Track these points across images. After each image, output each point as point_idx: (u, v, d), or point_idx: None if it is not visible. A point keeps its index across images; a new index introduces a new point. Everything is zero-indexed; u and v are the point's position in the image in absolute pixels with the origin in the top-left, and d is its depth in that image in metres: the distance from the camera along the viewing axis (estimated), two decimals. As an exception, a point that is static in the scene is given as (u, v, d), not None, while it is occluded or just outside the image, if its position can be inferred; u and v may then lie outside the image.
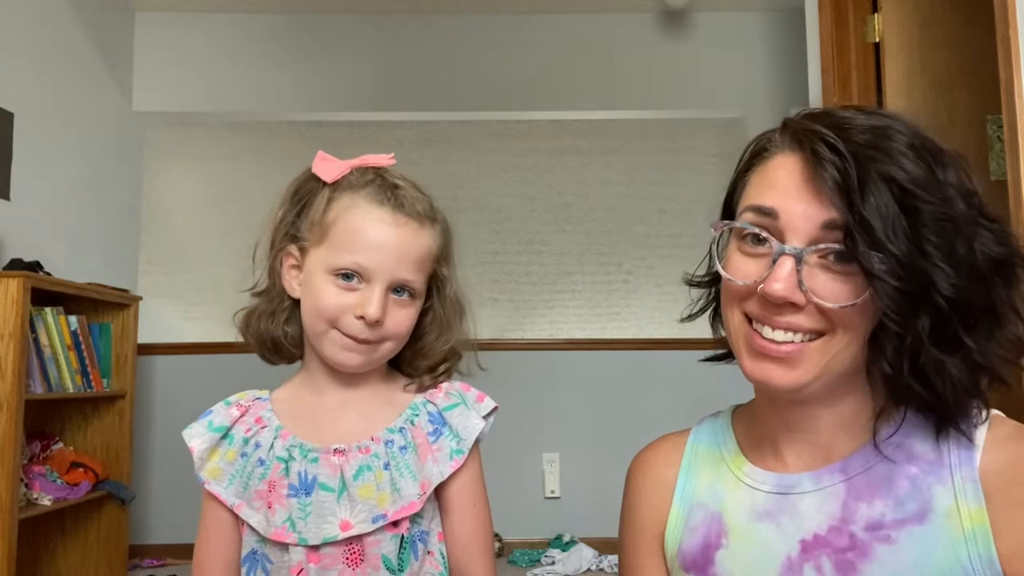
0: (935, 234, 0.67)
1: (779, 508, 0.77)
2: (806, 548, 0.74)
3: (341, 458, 0.88)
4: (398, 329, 0.90)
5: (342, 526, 0.85)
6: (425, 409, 0.92)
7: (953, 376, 0.69)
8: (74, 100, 3.30)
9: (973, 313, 0.68)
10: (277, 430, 0.91)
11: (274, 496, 0.87)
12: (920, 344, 0.68)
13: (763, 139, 0.78)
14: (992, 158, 2.18)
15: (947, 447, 0.73)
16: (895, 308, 0.67)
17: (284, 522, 0.86)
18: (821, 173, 0.69)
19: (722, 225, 0.77)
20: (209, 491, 0.90)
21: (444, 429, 0.91)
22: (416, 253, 0.90)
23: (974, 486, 0.70)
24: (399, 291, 0.89)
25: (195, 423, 0.93)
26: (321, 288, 0.88)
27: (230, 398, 0.95)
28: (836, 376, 0.73)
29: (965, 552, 0.68)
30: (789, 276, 0.69)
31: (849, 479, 0.75)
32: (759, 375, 0.73)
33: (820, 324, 0.71)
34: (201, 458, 0.91)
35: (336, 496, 0.86)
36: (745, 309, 0.75)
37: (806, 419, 0.77)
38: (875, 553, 0.71)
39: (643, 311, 3.87)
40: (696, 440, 0.89)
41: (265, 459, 0.89)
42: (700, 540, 0.81)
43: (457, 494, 0.91)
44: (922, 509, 0.71)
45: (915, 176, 0.68)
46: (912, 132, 0.71)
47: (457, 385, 0.95)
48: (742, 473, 0.82)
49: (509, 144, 3.93)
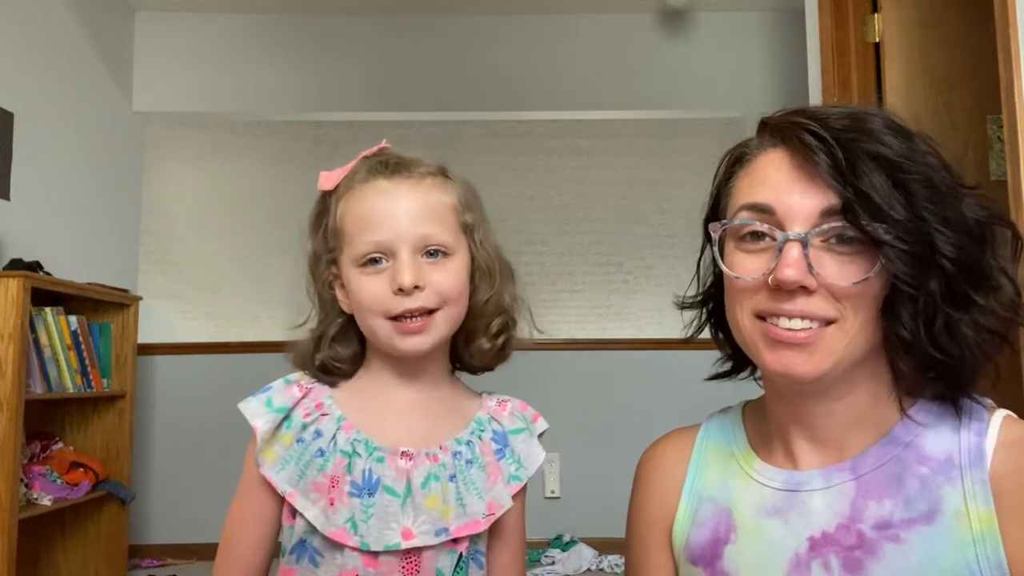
0: (927, 201, 0.69)
1: (788, 505, 0.78)
2: (814, 545, 0.75)
3: (408, 462, 0.84)
4: (444, 291, 0.84)
5: (404, 535, 0.81)
6: (491, 427, 0.90)
7: (966, 337, 0.71)
8: (74, 100, 3.30)
9: (976, 273, 0.71)
10: (339, 421, 0.85)
11: (336, 493, 0.82)
12: (933, 304, 0.70)
13: (738, 148, 0.80)
14: (992, 158, 2.18)
15: (957, 448, 0.73)
16: (908, 271, 0.69)
17: (345, 522, 0.81)
18: (812, 159, 0.71)
19: (719, 226, 0.78)
20: (263, 475, 0.84)
21: (506, 451, 0.89)
22: (424, 205, 0.86)
23: (984, 488, 0.70)
24: (432, 253, 0.85)
25: (252, 399, 0.86)
26: (358, 284, 0.85)
27: (290, 376, 0.89)
28: (852, 363, 0.73)
29: (973, 554, 0.69)
30: (798, 261, 0.70)
31: (859, 477, 0.75)
32: (780, 366, 0.73)
33: (831, 310, 0.71)
34: (264, 440, 0.84)
35: (401, 502, 0.82)
36: (755, 307, 0.75)
37: (818, 415, 0.77)
38: (883, 552, 0.71)
39: (643, 311, 3.87)
40: (706, 436, 0.89)
41: (326, 450, 0.84)
42: (708, 534, 0.82)
43: (511, 520, 0.90)
44: (931, 509, 0.71)
45: (899, 151, 0.70)
46: (884, 116, 0.74)
47: (518, 405, 0.94)
48: (752, 469, 0.82)
49: (509, 144, 3.93)
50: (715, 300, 0.85)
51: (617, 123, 3.94)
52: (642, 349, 3.66)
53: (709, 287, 0.86)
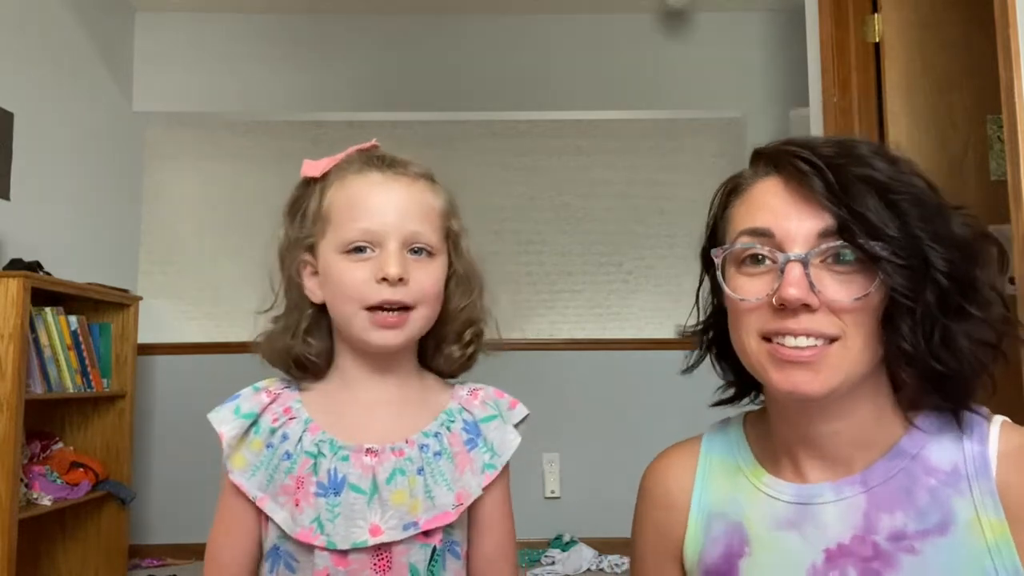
0: (918, 219, 0.73)
1: (801, 518, 0.79)
2: (831, 557, 0.76)
3: (373, 459, 0.84)
4: (424, 289, 0.86)
5: (372, 531, 0.82)
6: (461, 417, 0.90)
7: (963, 348, 0.73)
8: (74, 100, 3.30)
9: (968, 286, 0.74)
10: (306, 423, 0.86)
11: (301, 493, 0.83)
12: (931, 315, 0.72)
13: (732, 180, 0.83)
14: (992, 158, 2.17)
15: (962, 458, 0.75)
16: (905, 284, 0.71)
17: (311, 522, 0.82)
18: (806, 183, 0.74)
19: (721, 251, 0.80)
20: (232, 481, 0.86)
21: (479, 440, 0.89)
22: (417, 204, 0.88)
23: (993, 498, 0.72)
24: (417, 251, 0.86)
25: (221, 407, 0.88)
26: (339, 270, 0.85)
27: (259, 383, 0.91)
28: (857, 380, 0.75)
29: (990, 563, 0.70)
30: (800, 280, 0.72)
31: (869, 490, 0.77)
32: (787, 385, 0.75)
33: (834, 328, 0.73)
34: (230, 446, 0.86)
35: (367, 499, 0.83)
36: (760, 328, 0.76)
37: (825, 434, 0.78)
38: (900, 563, 0.73)
39: (643, 311, 3.87)
40: (709, 450, 0.89)
41: (292, 453, 0.85)
42: (722, 549, 0.82)
43: (489, 508, 0.90)
44: (943, 521, 0.73)
45: (888, 173, 0.74)
46: (869, 143, 0.79)
47: (492, 392, 0.93)
48: (761, 484, 0.83)
49: (509, 144, 3.93)
50: (715, 329, 0.87)
51: (617, 123, 3.94)
52: (642, 349, 3.66)
53: (709, 316, 0.88)
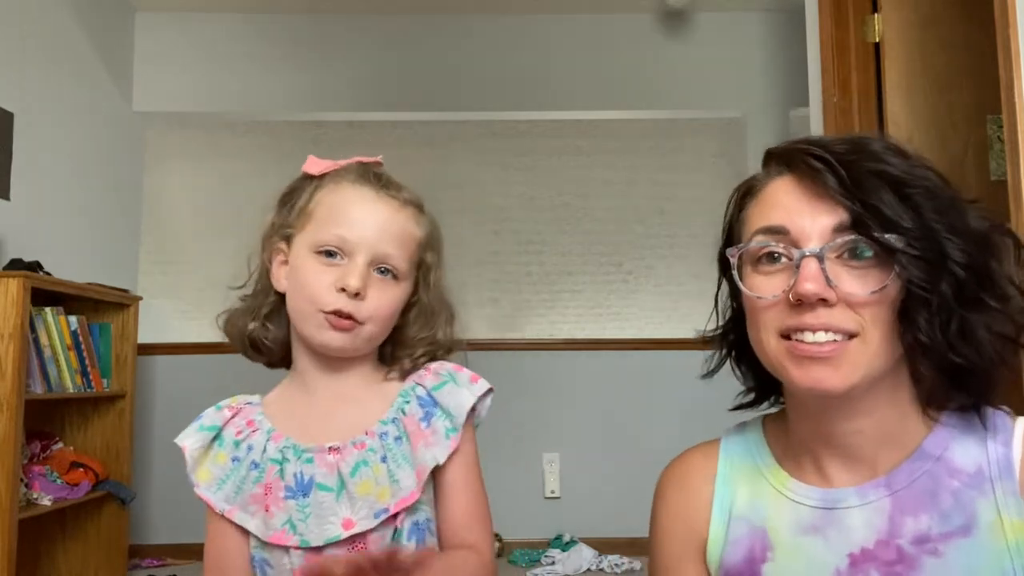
0: (933, 212, 0.73)
1: (826, 522, 0.78)
2: (855, 562, 0.75)
3: (337, 456, 0.87)
4: (380, 310, 0.89)
5: (344, 525, 0.84)
6: (415, 393, 0.91)
7: (981, 341, 0.73)
8: (74, 100, 3.30)
9: (985, 278, 0.73)
10: (269, 432, 0.90)
11: (271, 499, 0.86)
12: (947, 307, 0.72)
13: (746, 182, 0.84)
14: (992, 158, 2.17)
15: (986, 460, 0.75)
16: (922, 276, 0.71)
17: (284, 524, 0.85)
18: (819, 180, 0.74)
19: (736, 250, 0.80)
20: (199, 495, 0.90)
21: (435, 410, 0.90)
22: (398, 228, 0.90)
23: (1016, 499, 0.72)
24: (383, 271, 0.89)
25: (187, 428, 0.93)
26: (305, 267, 0.89)
27: (220, 403, 0.95)
28: (877, 376, 0.74)
29: (1010, 563, 0.71)
30: (817, 275, 0.72)
31: (894, 493, 0.76)
32: (808, 381, 0.74)
33: (852, 323, 0.73)
34: (193, 458, 0.91)
35: (335, 495, 0.85)
36: (779, 326, 0.76)
37: (848, 433, 0.78)
38: (924, 566, 0.73)
39: (643, 311, 3.87)
40: (728, 453, 0.89)
41: (259, 462, 0.88)
42: (744, 553, 0.82)
43: (453, 475, 0.90)
44: (967, 523, 0.73)
45: (901, 168, 0.74)
46: (881, 139, 0.78)
47: (448, 366, 0.94)
48: (785, 488, 0.82)
49: (509, 144, 3.93)
50: (735, 333, 0.87)
51: (617, 123, 3.94)
52: (642, 349, 3.66)
53: (728, 321, 0.88)
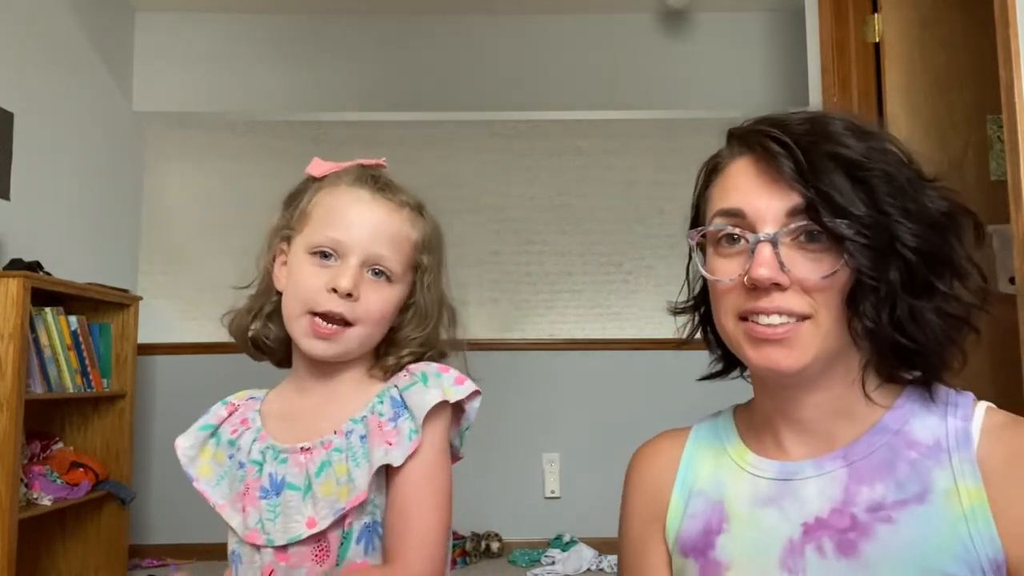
0: (888, 195, 0.73)
1: (781, 493, 0.80)
2: (808, 530, 0.77)
3: (307, 456, 0.88)
4: (371, 312, 0.89)
5: (308, 524, 0.86)
6: (389, 394, 0.90)
7: (930, 323, 0.75)
8: (74, 100, 3.30)
9: (939, 262, 0.75)
10: (257, 432, 0.92)
11: (248, 499, 0.89)
12: (894, 294, 0.73)
13: (713, 159, 0.85)
14: (992, 158, 2.18)
15: (944, 432, 0.76)
16: (868, 264, 0.72)
17: (256, 524, 0.87)
18: (775, 164, 0.75)
19: (696, 233, 0.82)
20: (197, 489, 0.93)
21: (404, 411, 0.87)
22: (392, 230, 0.91)
23: (972, 467, 0.73)
24: (377, 273, 0.90)
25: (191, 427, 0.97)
26: (300, 268, 0.90)
27: (228, 397, 0.98)
28: (831, 355, 0.76)
29: (965, 530, 0.71)
30: (770, 260, 0.74)
31: (851, 464, 0.78)
32: (763, 361, 0.76)
33: (804, 306, 0.75)
34: (187, 456, 0.94)
35: (302, 495, 0.87)
36: (736, 308, 0.78)
37: (806, 406, 0.80)
38: (876, 532, 0.73)
39: (643, 311, 3.87)
40: (697, 436, 0.91)
41: (244, 462, 0.91)
42: (700, 525, 0.83)
43: (404, 477, 0.85)
44: (922, 490, 0.74)
45: (858, 150, 0.75)
46: (845, 119, 0.79)
47: (432, 367, 0.91)
48: (745, 462, 0.84)
49: (509, 144, 3.93)
50: (706, 304, 0.89)
51: (617, 123, 3.94)
52: (642, 349, 3.66)
53: (699, 292, 0.90)
